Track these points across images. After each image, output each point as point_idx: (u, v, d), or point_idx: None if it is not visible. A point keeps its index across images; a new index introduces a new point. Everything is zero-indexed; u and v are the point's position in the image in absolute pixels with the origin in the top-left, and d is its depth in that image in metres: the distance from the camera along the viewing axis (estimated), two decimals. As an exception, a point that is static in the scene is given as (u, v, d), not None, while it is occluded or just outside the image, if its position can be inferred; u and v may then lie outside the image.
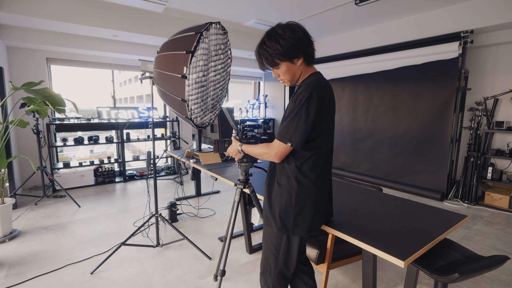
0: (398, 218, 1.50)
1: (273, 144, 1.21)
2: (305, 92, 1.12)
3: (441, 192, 3.84)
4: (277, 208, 1.24)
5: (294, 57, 1.16)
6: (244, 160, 1.45)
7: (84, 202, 3.65)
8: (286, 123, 1.16)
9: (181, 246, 2.52)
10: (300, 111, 1.12)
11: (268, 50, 1.17)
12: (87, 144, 4.38)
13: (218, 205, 3.61)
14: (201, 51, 1.86)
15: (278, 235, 1.27)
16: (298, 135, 1.13)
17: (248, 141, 1.45)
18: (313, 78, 1.19)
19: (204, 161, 2.89)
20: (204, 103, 2.11)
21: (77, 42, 4.10)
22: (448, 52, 3.67)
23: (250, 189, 1.57)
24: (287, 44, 1.14)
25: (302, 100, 1.12)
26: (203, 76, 1.96)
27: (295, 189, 1.21)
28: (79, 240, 2.63)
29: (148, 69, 2.21)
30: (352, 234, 1.30)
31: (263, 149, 1.25)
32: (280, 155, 1.18)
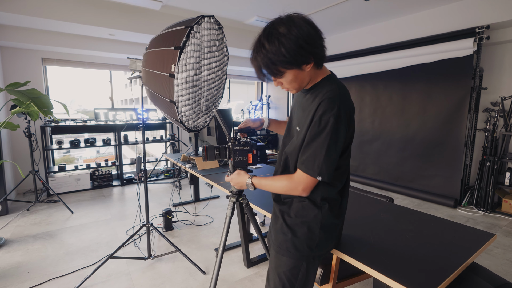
0: (415, 237, 1.30)
1: (298, 177, 0.97)
2: (331, 112, 0.89)
3: (455, 198, 3.60)
4: (300, 233, 1.03)
5: (304, 63, 0.91)
6: (236, 169, 1.27)
7: (78, 207, 3.51)
8: (312, 152, 0.93)
9: (175, 258, 2.35)
10: (328, 136, 0.90)
11: (270, 56, 0.89)
12: (84, 146, 4.25)
13: (216, 211, 3.43)
14: (192, 47, 1.68)
15: (296, 265, 1.04)
16: (330, 165, 0.92)
17: (241, 148, 1.27)
18: (332, 86, 0.95)
19: (200, 166, 2.71)
20: (197, 105, 1.93)
21: (73, 42, 3.98)
22: (462, 49, 3.44)
23: (245, 202, 1.39)
24: (294, 46, 0.87)
25: (329, 122, 0.89)
26: (195, 75, 1.79)
27: (321, 208, 1.02)
28: (67, 250, 2.47)
29: (137, 68, 2.04)
30: (361, 259, 1.11)
31: (286, 184, 1.00)
32: (309, 189, 0.98)
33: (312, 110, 0.95)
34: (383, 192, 4.20)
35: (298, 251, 1.03)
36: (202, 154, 1.28)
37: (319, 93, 0.97)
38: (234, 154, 1.26)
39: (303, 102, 1.04)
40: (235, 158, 1.26)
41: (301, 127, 1.01)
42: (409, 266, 1.06)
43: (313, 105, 0.96)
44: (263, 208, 1.64)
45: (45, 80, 4.26)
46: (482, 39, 3.28)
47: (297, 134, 1.03)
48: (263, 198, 1.82)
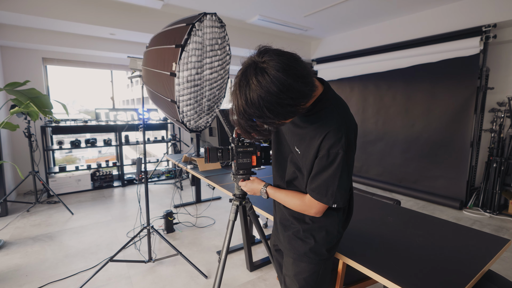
0: (425, 242, 1.25)
1: (310, 202, 0.94)
2: (339, 143, 0.84)
3: (460, 200, 3.54)
4: (318, 238, 1.01)
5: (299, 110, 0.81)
6: (240, 172, 1.22)
7: (78, 208, 3.47)
8: (323, 181, 0.89)
9: (176, 261, 2.30)
10: (340, 167, 0.86)
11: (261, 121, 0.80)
12: (84, 147, 4.21)
13: (218, 213, 3.38)
14: (194, 45, 1.64)
15: (316, 270, 1.03)
16: (344, 192, 0.90)
17: (245, 149, 1.22)
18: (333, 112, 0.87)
19: (202, 167, 2.67)
20: (199, 105, 1.88)
21: (74, 41, 3.94)
22: (468, 48, 3.38)
23: (248, 206, 1.34)
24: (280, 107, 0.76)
25: (339, 154, 0.85)
26: (197, 74, 1.74)
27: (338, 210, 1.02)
28: (66, 253, 2.43)
29: (138, 67, 2.00)
30: (371, 265, 1.06)
31: (299, 204, 0.98)
32: (322, 212, 0.97)
33: (316, 139, 0.88)
34: (386, 194, 4.14)
35: (318, 256, 1.01)
36: (204, 155, 1.23)
37: (318, 119, 0.89)
38: (237, 156, 1.22)
39: (297, 120, 0.96)
40: (239, 160, 1.22)
41: (303, 152, 0.95)
42: (421, 274, 1.01)
43: (315, 131, 0.89)
44: (265, 210, 1.60)
45: (45, 80, 4.23)
46: (488, 38, 3.22)
47: (299, 157, 0.97)
48: (266, 200, 1.77)
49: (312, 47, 5.63)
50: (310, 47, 5.63)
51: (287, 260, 1.09)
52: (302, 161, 0.96)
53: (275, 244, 1.27)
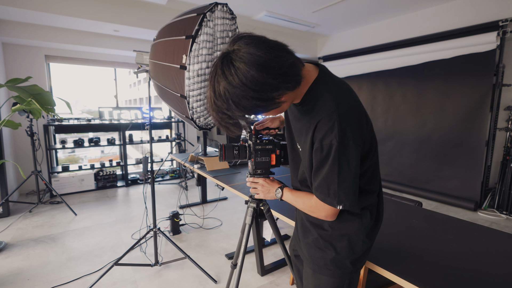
0: (459, 248, 1.15)
1: (317, 203, 0.84)
2: (331, 134, 0.74)
3: (475, 201, 3.42)
4: (340, 248, 0.89)
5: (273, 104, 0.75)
6: (258, 171, 1.13)
7: (81, 209, 3.39)
8: (323, 178, 0.79)
9: (183, 265, 2.21)
10: (336, 162, 0.75)
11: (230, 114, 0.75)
12: (88, 146, 4.13)
13: (225, 214, 3.28)
14: (205, 37, 1.54)
15: (339, 284, 0.91)
16: (348, 191, 0.78)
17: (264, 147, 1.12)
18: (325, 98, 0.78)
19: (210, 166, 2.57)
20: (209, 101, 1.79)
21: (77, 38, 3.86)
22: (483, 44, 3.26)
23: (265, 208, 1.24)
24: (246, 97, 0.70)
25: (333, 146, 0.74)
26: (207, 68, 1.64)
27: (362, 217, 0.89)
28: (69, 255, 2.34)
29: (144, 61, 1.91)
30: (406, 275, 0.95)
31: (308, 205, 0.88)
32: (333, 216, 0.84)
33: (310, 130, 0.79)
34: (396, 194, 4.03)
35: (340, 269, 0.89)
36: (219, 153, 1.14)
37: (312, 108, 0.80)
38: (255, 154, 1.12)
39: (296, 112, 0.89)
40: (257, 159, 1.12)
41: (302, 145, 0.86)
42: (463, 285, 0.91)
43: (309, 122, 0.80)
44: (280, 212, 1.50)
45: (48, 79, 4.15)
46: (506, 32, 3.10)
47: (301, 153, 0.89)
48: (281, 202, 1.67)
49: (318, 45, 5.52)
50: (317, 44, 5.53)
51: (307, 270, 0.98)
52: (303, 157, 0.87)
53: (295, 249, 1.17)
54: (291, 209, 1.56)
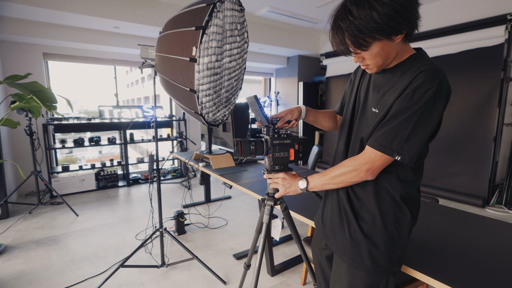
0: (487, 247, 1.09)
1: (365, 155, 0.81)
2: (430, 84, 0.73)
3: (483, 197, 3.38)
4: (380, 243, 0.85)
5: (395, 32, 0.74)
6: (276, 167, 1.07)
7: (83, 209, 3.31)
8: (392, 127, 0.77)
9: (190, 266, 2.15)
10: (419, 111, 0.74)
11: (357, 23, 0.72)
12: (88, 145, 4.05)
13: (230, 213, 3.22)
14: (214, 29, 1.48)
15: (375, 283, 0.87)
16: (414, 146, 0.75)
17: (282, 141, 1.06)
18: (428, 60, 0.79)
19: (216, 164, 2.51)
20: (217, 96, 1.72)
21: (76, 35, 3.77)
22: (491, 38, 3.21)
23: (283, 206, 1.18)
24: (388, 11, 0.70)
25: (426, 96, 0.73)
26: (217, 61, 1.58)
27: (403, 209, 0.85)
28: (72, 257, 2.27)
29: (150, 56, 1.84)
30: (428, 272, 0.90)
31: (347, 167, 0.85)
32: (376, 169, 0.81)
33: (403, 84, 0.77)
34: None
35: (377, 265, 0.85)
36: (234, 148, 1.07)
37: (410, 68, 0.79)
38: (273, 149, 1.05)
39: (382, 82, 0.85)
40: (275, 154, 1.06)
41: (381, 107, 0.82)
42: (492, 282, 0.85)
43: (404, 79, 0.78)
44: (296, 211, 1.44)
45: (47, 77, 4.07)
46: (514, 26, 3.06)
47: (374, 117, 0.84)
48: (300, 199, 1.61)
49: (321, 41, 5.46)
50: (319, 40, 5.47)
51: (341, 265, 0.92)
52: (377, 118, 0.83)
53: (322, 248, 1.10)
54: (307, 208, 1.50)
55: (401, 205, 0.85)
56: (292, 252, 2.37)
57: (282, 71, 6.23)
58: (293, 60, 5.87)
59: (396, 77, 0.81)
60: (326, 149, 5.53)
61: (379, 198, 0.85)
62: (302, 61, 5.82)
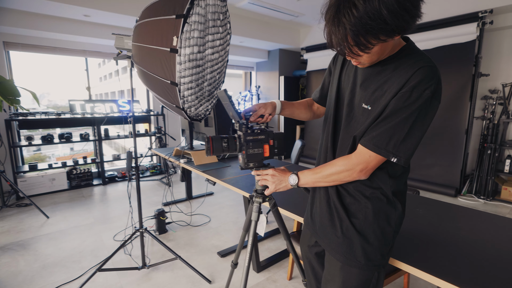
0: (470, 236, 1.12)
1: (359, 155, 0.79)
2: (428, 83, 0.70)
3: (455, 187, 3.56)
4: (373, 238, 0.84)
5: (400, 32, 0.66)
6: (250, 165, 1.02)
7: (54, 211, 3.10)
8: (388, 128, 0.75)
9: (173, 266, 2.07)
10: (417, 112, 0.72)
11: (365, 21, 0.62)
12: (58, 143, 3.79)
13: (212, 209, 3.16)
14: (196, 18, 1.39)
15: (368, 277, 0.86)
16: (410, 147, 0.75)
17: (256, 137, 1.01)
18: (423, 55, 0.76)
19: (198, 161, 2.43)
20: (200, 89, 1.64)
21: (41, 23, 3.48)
22: (464, 35, 3.34)
23: (271, 203, 1.15)
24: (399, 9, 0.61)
25: (423, 96, 0.71)
26: (199, 52, 1.50)
27: (394, 204, 0.85)
28: (43, 262, 2.11)
29: (125, 46, 1.71)
30: (435, 272, 0.90)
31: (340, 167, 0.83)
32: (370, 169, 0.80)
33: (399, 81, 0.74)
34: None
35: (370, 261, 0.84)
36: (205, 146, 1.00)
37: (403, 62, 0.76)
38: (247, 146, 0.99)
39: (371, 76, 0.81)
40: (249, 151, 1.00)
41: (373, 103, 0.79)
42: (479, 272, 0.87)
43: (398, 74, 0.75)
44: (284, 207, 1.41)
45: (8, 68, 3.73)
46: (485, 24, 3.20)
47: (366, 114, 0.80)
48: (288, 194, 1.58)
49: (301, 35, 5.45)
50: (300, 34, 5.45)
51: (333, 263, 0.90)
52: (368, 117, 0.79)
53: (312, 245, 1.08)
54: (296, 204, 1.48)
55: (393, 200, 0.85)
56: (277, 247, 2.36)
57: (263, 65, 6.17)
58: (273, 54, 5.82)
59: (388, 72, 0.77)
60: (307, 143, 5.58)
61: (371, 194, 0.84)
62: (283, 55, 5.79)
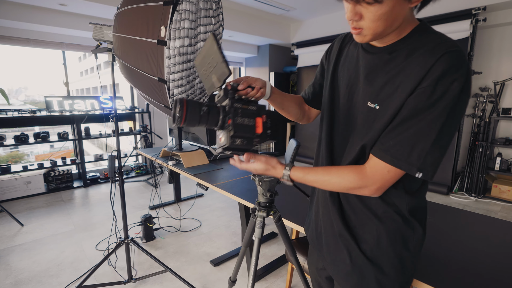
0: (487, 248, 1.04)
1: (375, 170, 0.63)
2: (457, 72, 0.54)
3: (447, 185, 3.56)
4: (388, 268, 0.70)
5: None
6: (237, 141, 0.72)
7: (29, 217, 2.86)
8: (411, 134, 0.58)
9: (162, 278, 1.92)
10: (446, 110, 0.56)
11: None
12: (33, 143, 3.51)
13: (203, 212, 3.01)
14: (187, 6, 1.23)
15: None
16: (439, 157, 0.59)
17: (247, 107, 0.72)
18: (442, 37, 0.60)
19: (187, 162, 2.26)
20: (191, 86, 1.48)
21: (12, 12, 3.17)
22: (457, 32, 3.31)
23: (276, 216, 1.02)
24: None
25: (451, 88, 0.55)
26: (190, 45, 1.33)
27: (412, 224, 0.69)
28: (16, 278, 1.91)
29: (105, 38, 1.52)
30: None
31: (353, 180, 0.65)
32: (388, 186, 0.64)
33: (417, 72, 0.58)
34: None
35: None
36: (174, 112, 0.68)
37: (418, 47, 0.60)
38: (234, 114, 0.70)
39: (378, 67, 0.66)
40: (237, 119, 0.70)
41: (382, 101, 0.63)
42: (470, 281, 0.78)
43: (414, 63, 0.59)
44: (287, 218, 1.28)
45: (-25, 61, 3.40)
46: (478, 21, 3.17)
47: (373, 114, 0.65)
48: (291, 203, 1.46)
49: (292, 30, 5.32)
50: (290, 29, 5.32)
51: None
52: (378, 117, 0.64)
53: (320, 268, 0.95)
54: (299, 213, 1.35)
55: (410, 219, 0.69)
56: (272, 253, 2.24)
57: (252, 60, 6.00)
58: (263, 49, 5.66)
59: (400, 60, 0.62)
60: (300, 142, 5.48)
61: (383, 213, 0.69)
62: (273, 50, 5.65)
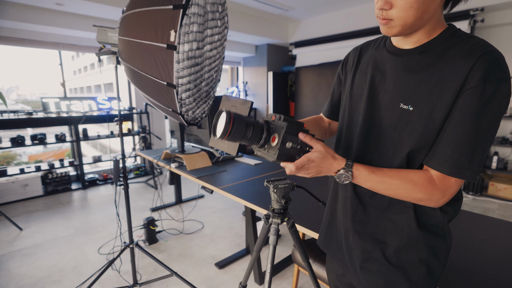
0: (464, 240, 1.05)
1: (443, 182, 0.61)
2: (500, 72, 0.54)
3: (445, 184, 3.61)
4: (416, 276, 0.69)
5: None
6: (282, 157, 0.65)
7: (28, 221, 2.82)
8: (470, 142, 0.57)
9: (168, 282, 1.91)
10: (500, 112, 0.56)
11: None
12: (30, 145, 3.45)
13: (205, 214, 3.00)
14: (196, 9, 1.21)
15: None
16: (482, 158, 0.60)
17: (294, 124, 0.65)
18: (475, 38, 0.59)
19: (191, 165, 2.25)
20: (198, 90, 1.47)
21: (8, 12, 3.10)
22: (455, 32, 3.34)
23: (289, 223, 1.01)
24: None
25: (501, 88, 0.54)
26: (197, 49, 1.32)
27: (444, 234, 0.70)
28: (18, 285, 1.88)
29: (110, 41, 1.49)
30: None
31: (424, 192, 0.62)
32: (451, 196, 0.63)
33: (458, 72, 0.57)
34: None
35: None
36: (217, 124, 0.64)
37: (452, 46, 0.60)
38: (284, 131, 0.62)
39: (409, 67, 0.65)
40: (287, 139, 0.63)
41: (417, 102, 0.62)
42: None
43: (451, 63, 0.58)
44: (301, 224, 1.28)
45: (-31, 62, 3.32)
46: (476, 21, 3.21)
47: (406, 117, 0.64)
48: (303, 209, 1.45)
49: (290, 30, 5.31)
50: (288, 29, 5.31)
51: None
52: (412, 119, 0.62)
53: (341, 275, 0.93)
54: (313, 219, 1.35)
55: (445, 229, 0.70)
56: (277, 254, 2.25)
57: (250, 60, 5.98)
58: (261, 48, 5.65)
59: (432, 60, 0.61)
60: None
61: (418, 222, 0.68)
62: (271, 50, 5.64)
